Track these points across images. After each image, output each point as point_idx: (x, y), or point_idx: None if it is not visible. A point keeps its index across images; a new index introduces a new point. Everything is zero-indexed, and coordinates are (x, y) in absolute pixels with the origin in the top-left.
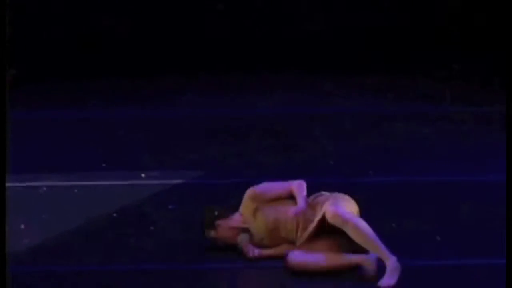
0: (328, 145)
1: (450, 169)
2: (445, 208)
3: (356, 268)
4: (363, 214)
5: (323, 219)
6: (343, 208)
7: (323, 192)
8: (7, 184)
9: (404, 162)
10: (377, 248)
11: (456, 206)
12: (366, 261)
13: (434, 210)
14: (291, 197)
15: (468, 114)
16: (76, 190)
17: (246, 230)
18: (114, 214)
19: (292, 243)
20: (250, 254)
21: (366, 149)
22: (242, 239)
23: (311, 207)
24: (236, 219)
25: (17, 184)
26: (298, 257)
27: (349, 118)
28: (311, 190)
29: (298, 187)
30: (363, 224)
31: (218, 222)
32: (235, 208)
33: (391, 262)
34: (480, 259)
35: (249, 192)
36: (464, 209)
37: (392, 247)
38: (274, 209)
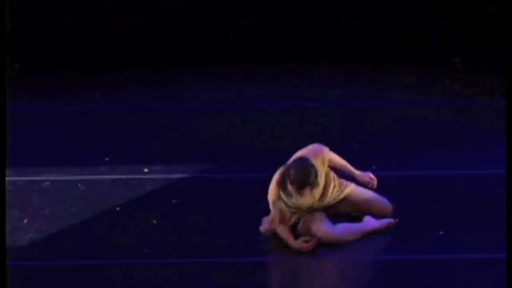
0: (330, 139)
1: (453, 163)
2: (447, 203)
3: None
4: None
5: None
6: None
7: None
8: (11, 178)
9: (406, 157)
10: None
11: (459, 200)
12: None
13: (437, 205)
14: None
15: (470, 106)
16: (79, 184)
17: None
18: (117, 208)
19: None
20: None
21: (367, 143)
22: None
23: None
24: None
25: (21, 178)
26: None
27: (350, 112)
28: None
29: None
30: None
31: None
32: None
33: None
34: (483, 254)
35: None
36: (467, 203)
37: (395, 242)
38: None
